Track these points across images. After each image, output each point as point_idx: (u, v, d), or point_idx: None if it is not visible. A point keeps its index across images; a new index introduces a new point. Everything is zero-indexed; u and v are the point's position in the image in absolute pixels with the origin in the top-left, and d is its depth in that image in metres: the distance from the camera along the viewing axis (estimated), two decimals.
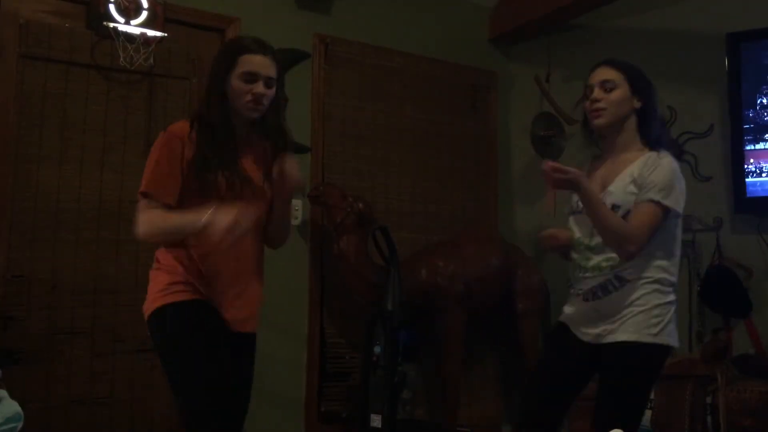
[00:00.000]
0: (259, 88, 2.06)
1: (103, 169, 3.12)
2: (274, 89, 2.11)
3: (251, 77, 2.05)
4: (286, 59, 3.59)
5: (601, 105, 2.20)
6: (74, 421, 2.97)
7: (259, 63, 2.07)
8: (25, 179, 2.96)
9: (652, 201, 2.09)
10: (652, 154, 2.16)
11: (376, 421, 3.14)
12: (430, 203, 3.97)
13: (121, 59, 3.06)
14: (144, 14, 3.09)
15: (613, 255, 2.14)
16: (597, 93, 2.21)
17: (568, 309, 2.28)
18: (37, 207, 2.98)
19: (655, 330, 2.09)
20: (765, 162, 3.30)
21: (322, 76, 3.69)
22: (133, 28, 3.07)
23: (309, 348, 3.52)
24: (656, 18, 3.84)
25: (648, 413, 3.05)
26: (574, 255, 2.25)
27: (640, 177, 2.13)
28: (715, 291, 3.43)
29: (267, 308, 1.99)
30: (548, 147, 4.02)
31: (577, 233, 2.24)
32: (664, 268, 2.14)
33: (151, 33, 3.10)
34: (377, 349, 3.20)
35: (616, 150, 2.25)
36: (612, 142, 2.26)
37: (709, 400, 2.96)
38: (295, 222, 3.51)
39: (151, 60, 3.12)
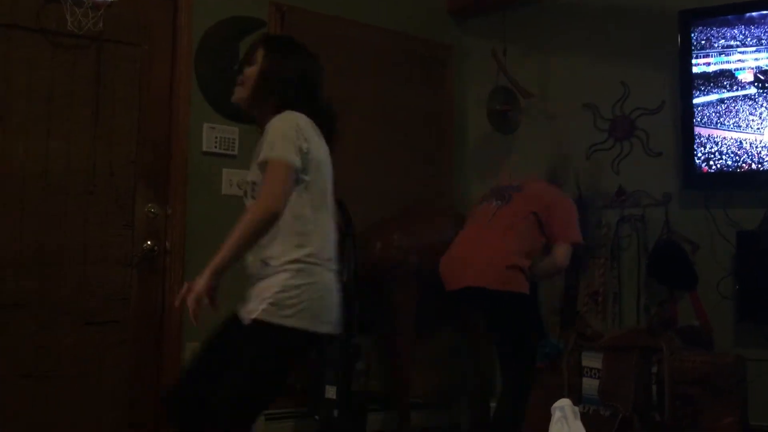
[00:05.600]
0: None
1: (49, 137, 3.03)
2: None
3: None
4: (240, 28, 3.53)
5: None
6: (20, 396, 2.90)
7: None
8: None
9: (265, 161, 1.99)
10: None
11: (330, 392, 3.16)
12: (386, 176, 3.96)
13: (69, 23, 2.95)
14: None
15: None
16: None
17: None
18: None
19: (289, 312, 1.95)
20: (714, 139, 3.37)
21: None
22: None
23: None
24: None
25: (595, 383, 3.13)
26: None
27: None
28: (663, 264, 3.51)
29: (223, 280, 1.98)
30: (504, 121, 4.04)
31: None
32: (299, 246, 2.00)
33: None
34: None
35: None
36: None
37: (654, 369, 3.04)
38: None
39: (101, 24, 3.02)
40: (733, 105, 3.33)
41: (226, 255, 1.94)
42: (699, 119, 3.39)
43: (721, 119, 3.35)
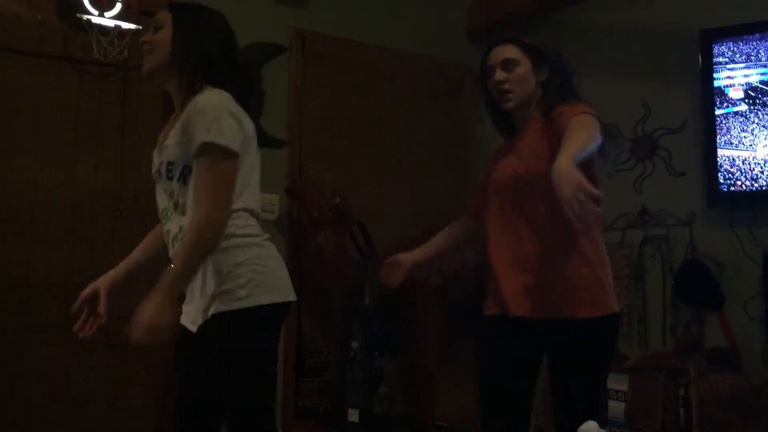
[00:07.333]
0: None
1: (75, 163, 3.08)
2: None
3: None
4: (262, 53, 3.58)
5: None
6: (49, 419, 2.93)
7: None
8: None
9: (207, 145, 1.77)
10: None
11: (353, 415, 3.15)
12: (407, 198, 3.97)
13: (95, 52, 3.02)
14: (118, 6, 3.05)
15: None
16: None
17: None
18: (9, 201, 2.94)
19: (243, 292, 1.78)
20: (737, 157, 3.34)
21: (299, 70, 3.67)
22: (107, 20, 3.02)
23: (286, 343, 3.50)
24: (631, 15, 3.87)
25: (622, 405, 3.09)
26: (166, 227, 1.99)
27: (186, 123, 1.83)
28: (689, 285, 3.47)
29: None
30: None
31: (164, 203, 1.99)
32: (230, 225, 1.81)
33: (125, 25, 3.07)
34: (354, 344, 3.21)
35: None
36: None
37: (681, 392, 3.00)
38: (271, 216, 3.49)
39: (126, 53, 3.08)
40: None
41: (179, 278, 1.74)
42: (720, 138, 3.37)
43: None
